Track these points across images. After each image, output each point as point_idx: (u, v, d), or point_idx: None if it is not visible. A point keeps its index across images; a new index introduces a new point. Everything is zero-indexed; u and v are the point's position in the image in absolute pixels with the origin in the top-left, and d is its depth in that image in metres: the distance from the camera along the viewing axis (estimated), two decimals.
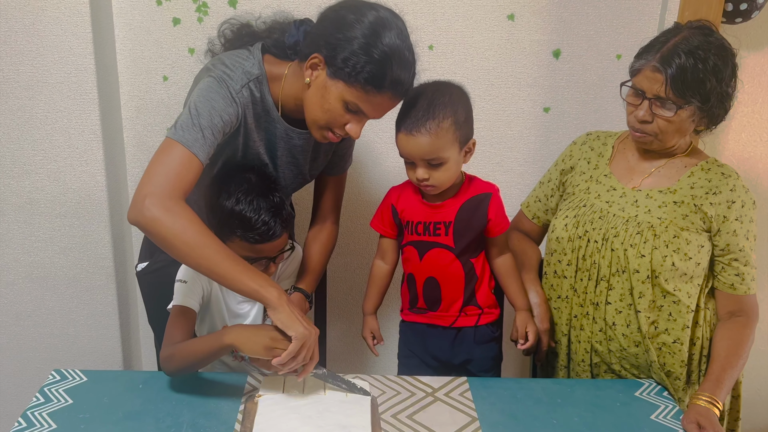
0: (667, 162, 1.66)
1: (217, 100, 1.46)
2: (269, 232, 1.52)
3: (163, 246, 1.38)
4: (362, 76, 1.42)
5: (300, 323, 1.38)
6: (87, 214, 2.13)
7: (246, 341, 1.41)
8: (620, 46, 2.14)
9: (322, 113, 1.49)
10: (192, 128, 1.41)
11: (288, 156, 1.65)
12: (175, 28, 2.06)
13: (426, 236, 1.63)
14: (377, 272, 1.77)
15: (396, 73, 1.44)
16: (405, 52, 1.45)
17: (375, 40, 1.41)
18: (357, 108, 1.47)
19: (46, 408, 1.44)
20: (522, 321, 1.70)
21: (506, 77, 2.17)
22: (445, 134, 1.51)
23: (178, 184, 1.37)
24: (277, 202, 1.54)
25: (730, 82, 1.55)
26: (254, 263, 1.52)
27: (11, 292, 2.21)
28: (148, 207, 1.33)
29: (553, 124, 2.22)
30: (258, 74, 1.54)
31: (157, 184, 1.36)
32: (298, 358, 1.39)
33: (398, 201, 1.67)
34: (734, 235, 1.58)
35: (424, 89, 1.56)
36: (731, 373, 1.55)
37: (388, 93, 1.46)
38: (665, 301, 1.60)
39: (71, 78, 1.99)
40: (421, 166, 1.55)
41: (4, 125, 2.03)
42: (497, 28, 2.11)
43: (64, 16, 1.94)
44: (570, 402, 1.54)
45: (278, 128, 1.60)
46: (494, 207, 1.63)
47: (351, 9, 1.46)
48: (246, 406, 1.46)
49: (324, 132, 1.53)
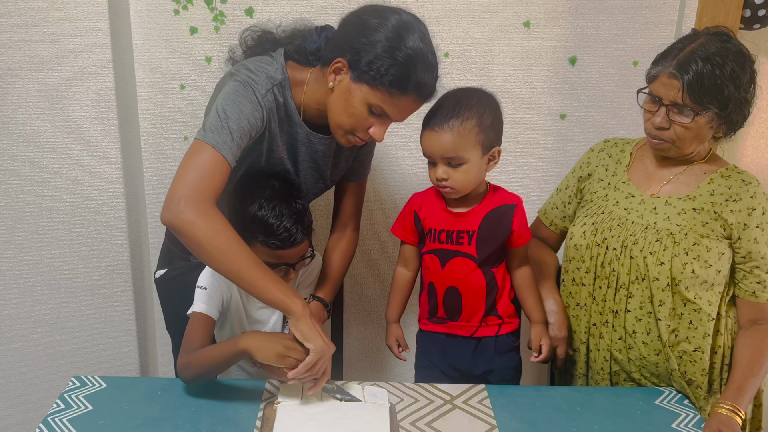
0: (685, 169, 1.65)
1: (244, 104, 1.47)
2: (290, 239, 1.53)
3: (194, 249, 1.38)
4: (387, 79, 1.43)
5: (320, 337, 1.40)
6: (105, 222, 2.14)
7: (260, 348, 1.42)
8: (637, 52, 2.13)
9: (346, 117, 1.50)
10: (221, 131, 1.42)
11: (309, 161, 1.66)
12: (192, 37, 2.08)
13: (448, 245, 1.63)
14: (400, 280, 1.76)
15: (420, 76, 1.45)
16: (428, 55, 1.47)
17: (399, 43, 1.42)
18: (381, 111, 1.48)
19: (67, 414, 1.45)
20: (537, 334, 1.69)
21: (522, 84, 2.17)
22: (467, 134, 1.52)
23: (210, 186, 1.38)
24: (299, 209, 1.55)
25: (749, 88, 1.54)
26: (274, 269, 1.53)
27: (30, 299, 2.23)
28: (183, 209, 1.34)
29: (570, 131, 2.22)
30: (281, 79, 1.55)
31: (191, 186, 1.36)
32: (313, 370, 1.40)
33: (421, 208, 1.67)
34: (755, 242, 1.57)
35: (455, 92, 1.58)
36: (753, 381, 1.54)
37: (413, 95, 1.47)
38: (686, 309, 1.59)
39: (90, 87, 2.01)
40: (441, 164, 1.55)
41: (23, 134, 2.06)
42: (513, 36, 2.12)
43: (83, 26, 1.96)
44: (589, 410, 1.53)
45: (300, 133, 1.61)
46: (518, 218, 1.63)
47: (373, 13, 1.47)
48: (265, 413, 1.46)
49: (348, 136, 1.54)
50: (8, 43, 1.97)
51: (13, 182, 2.10)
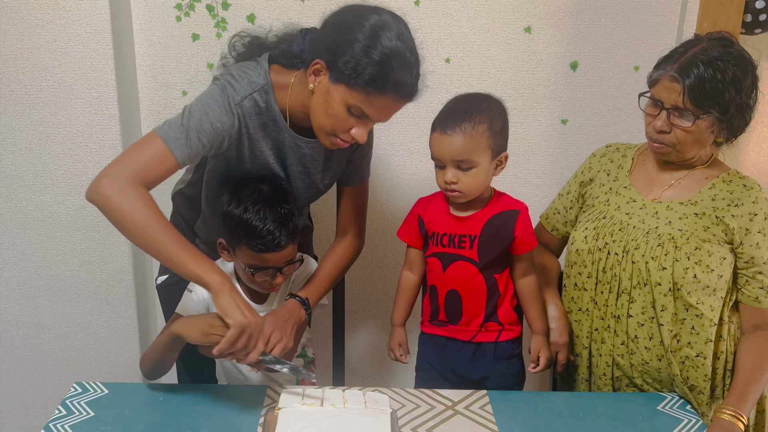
0: (687, 173, 1.65)
1: (212, 107, 1.49)
2: (274, 242, 1.54)
3: (115, 225, 1.40)
4: (363, 79, 1.42)
5: (239, 311, 1.39)
6: (107, 228, 2.11)
7: (187, 329, 1.46)
8: (638, 57, 2.13)
9: (326, 118, 1.50)
10: (179, 127, 1.45)
11: (299, 165, 1.66)
12: (195, 43, 2.09)
13: (450, 248, 1.63)
14: (405, 283, 1.76)
15: (397, 74, 1.43)
16: (406, 53, 1.44)
17: (375, 42, 1.41)
18: (360, 111, 1.47)
19: (68, 420, 1.45)
20: (536, 345, 1.69)
21: (524, 89, 2.17)
22: (479, 138, 1.52)
23: (144, 173, 1.41)
24: (284, 213, 1.56)
25: (751, 93, 1.54)
26: (261, 272, 1.57)
27: (32, 305, 2.23)
28: (104, 186, 1.38)
29: (571, 136, 2.22)
30: (263, 84, 1.55)
31: (121, 168, 1.40)
32: (237, 345, 1.40)
33: (425, 212, 1.68)
34: (757, 247, 1.56)
35: (466, 96, 1.59)
36: (756, 387, 1.53)
37: (391, 95, 1.45)
38: (688, 314, 1.58)
39: (92, 93, 2.02)
40: (451, 168, 1.56)
41: (26, 140, 2.06)
42: (514, 41, 2.12)
43: (86, 33, 1.97)
44: (591, 415, 1.53)
45: (286, 137, 1.61)
46: (521, 225, 1.62)
47: (351, 12, 1.47)
48: (266, 419, 1.46)
49: (331, 138, 1.53)
50: (11, 50, 1.98)
51: (15, 188, 2.11)
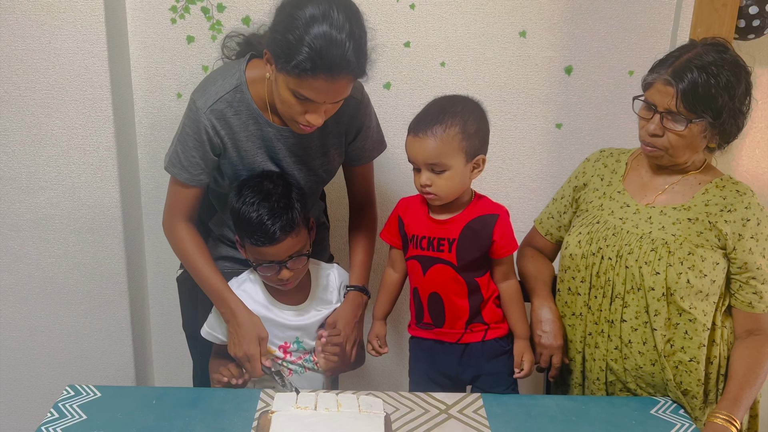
0: (681, 179, 1.65)
1: (188, 125, 1.62)
2: (267, 234, 1.56)
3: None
4: (291, 64, 1.42)
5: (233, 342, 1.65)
6: (101, 230, 2.14)
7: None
8: (632, 62, 2.14)
9: (281, 105, 1.53)
10: (173, 160, 1.65)
11: (291, 156, 1.67)
12: (189, 45, 2.08)
13: (429, 251, 1.63)
14: (387, 280, 1.78)
15: (324, 54, 1.40)
16: (332, 32, 1.40)
17: (297, 24, 1.41)
18: (302, 96, 1.47)
19: (60, 423, 1.44)
20: (519, 350, 1.69)
21: (518, 94, 2.17)
22: (450, 141, 1.52)
23: (177, 208, 1.70)
24: (280, 206, 1.58)
25: (744, 99, 1.54)
26: (264, 267, 1.61)
27: (25, 308, 2.22)
28: (163, 230, 1.74)
29: (566, 141, 2.22)
30: (236, 85, 1.59)
31: (165, 211, 1.73)
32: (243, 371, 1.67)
33: (405, 213, 1.68)
34: (750, 253, 1.57)
35: (441, 99, 1.59)
36: (749, 391, 1.54)
37: (322, 75, 1.42)
38: (681, 319, 1.59)
39: (86, 95, 2.02)
40: (425, 171, 1.56)
41: (20, 142, 2.06)
42: (509, 45, 2.12)
43: (80, 34, 1.96)
44: (585, 420, 1.53)
45: (270, 131, 1.63)
46: (500, 229, 1.61)
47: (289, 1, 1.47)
48: (259, 423, 1.46)
49: (293, 124, 1.56)
50: (5, 52, 1.97)
51: (9, 190, 2.10)
